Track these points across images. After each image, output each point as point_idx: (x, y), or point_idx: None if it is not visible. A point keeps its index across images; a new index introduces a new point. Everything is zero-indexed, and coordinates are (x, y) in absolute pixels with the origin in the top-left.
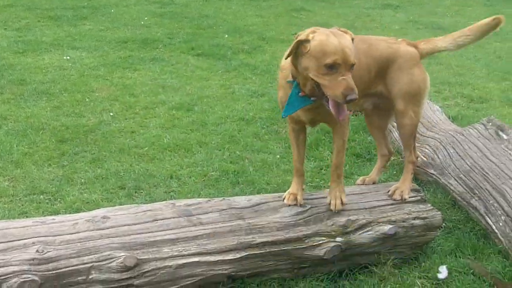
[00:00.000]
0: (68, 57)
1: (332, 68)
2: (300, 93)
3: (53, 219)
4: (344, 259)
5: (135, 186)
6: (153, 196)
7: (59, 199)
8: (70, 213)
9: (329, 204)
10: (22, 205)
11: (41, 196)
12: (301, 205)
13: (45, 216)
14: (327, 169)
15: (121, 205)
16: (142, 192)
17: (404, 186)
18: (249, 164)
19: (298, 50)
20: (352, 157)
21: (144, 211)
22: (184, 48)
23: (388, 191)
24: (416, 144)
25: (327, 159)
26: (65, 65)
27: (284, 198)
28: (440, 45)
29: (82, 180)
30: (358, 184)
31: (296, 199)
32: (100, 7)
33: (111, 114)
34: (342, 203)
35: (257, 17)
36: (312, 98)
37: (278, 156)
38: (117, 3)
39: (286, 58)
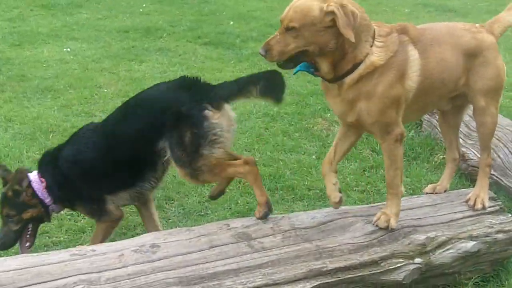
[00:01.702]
0: (69, 49)
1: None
2: None
3: (94, 250)
4: (421, 282)
5: (165, 196)
6: (186, 207)
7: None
8: None
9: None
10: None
11: (62, 212)
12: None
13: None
14: (370, 171)
15: None
16: (173, 203)
17: (483, 193)
18: (284, 166)
19: None
20: None
21: (198, 236)
22: (190, 36)
23: (467, 201)
24: (471, 142)
25: (369, 158)
26: (66, 58)
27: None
28: (509, 20)
29: None
30: (427, 193)
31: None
32: None
33: None
34: (388, 227)
35: (260, 2)
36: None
37: (313, 157)
38: None
39: None
